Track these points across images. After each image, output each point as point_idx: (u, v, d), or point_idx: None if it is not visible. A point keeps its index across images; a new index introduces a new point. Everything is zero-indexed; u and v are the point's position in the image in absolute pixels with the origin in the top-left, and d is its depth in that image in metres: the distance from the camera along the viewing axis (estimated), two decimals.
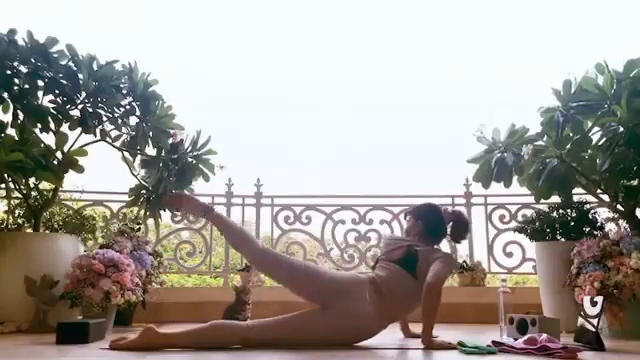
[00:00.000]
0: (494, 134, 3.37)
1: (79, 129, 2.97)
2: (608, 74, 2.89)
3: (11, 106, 2.81)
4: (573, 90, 3.02)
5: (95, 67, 2.91)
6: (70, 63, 2.84)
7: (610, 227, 3.17)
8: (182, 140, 3.24)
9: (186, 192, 3.21)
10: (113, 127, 3.11)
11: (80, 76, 2.86)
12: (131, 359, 1.93)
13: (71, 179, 3.78)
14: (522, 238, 3.52)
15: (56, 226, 3.15)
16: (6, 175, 2.87)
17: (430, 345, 2.21)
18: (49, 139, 3.03)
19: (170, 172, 3.20)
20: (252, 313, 3.65)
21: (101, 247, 3.04)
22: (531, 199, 3.65)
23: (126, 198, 3.52)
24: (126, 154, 3.24)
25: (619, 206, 3.12)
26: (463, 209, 4.08)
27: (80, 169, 3.10)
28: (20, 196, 3.13)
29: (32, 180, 3.06)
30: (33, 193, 3.14)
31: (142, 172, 3.36)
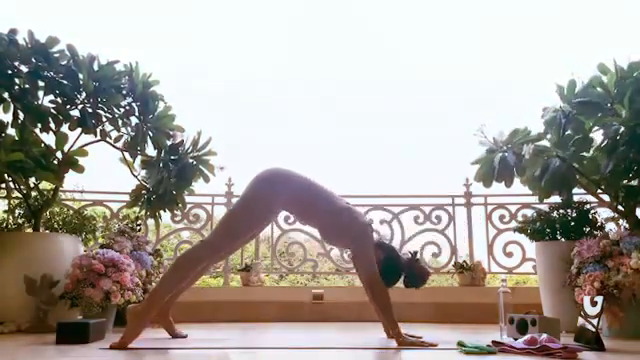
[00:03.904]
0: (496, 134, 3.37)
1: (79, 129, 2.98)
2: (612, 73, 2.89)
3: (11, 106, 2.82)
4: (577, 90, 3.02)
5: (95, 67, 2.91)
6: (70, 63, 2.85)
7: (610, 227, 3.17)
8: (182, 141, 3.25)
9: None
10: (113, 128, 3.11)
11: (80, 76, 2.86)
12: (131, 359, 1.93)
13: (71, 179, 3.79)
14: (522, 238, 3.51)
15: (56, 226, 3.15)
16: (6, 175, 2.87)
17: (403, 342, 2.23)
18: (49, 139, 3.04)
19: (170, 173, 3.20)
20: (253, 313, 3.67)
21: (101, 247, 3.04)
22: (531, 199, 3.65)
23: (126, 198, 3.53)
24: (126, 154, 3.25)
25: (619, 206, 3.13)
26: (463, 209, 4.09)
27: (80, 169, 3.10)
28: (20, 196, 3.13)
29: (32, 180, 3.06)
30: (33, 193, 3.14)
31: (142, 173, 3.37)
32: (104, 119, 3.05)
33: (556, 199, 3.27)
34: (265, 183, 2.48)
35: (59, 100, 2.89)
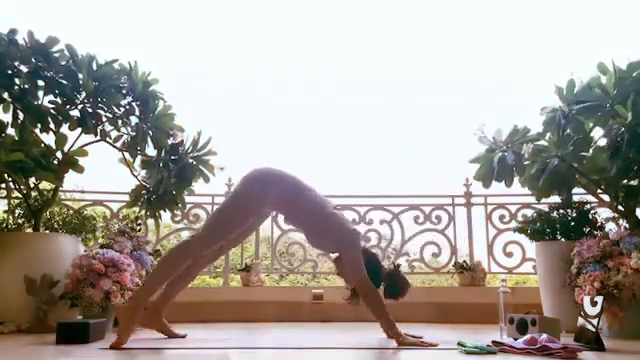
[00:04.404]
0: (496, 134, 3.37)
1: (79, 129, 2.97)
2: (612, 73, 2.89)
3: (11, 106, 2.82)
4: (576, 90, 3.02)
5: (95, 67, 2.91)
6: (70, 63, 2.84)
7: (610, 227, 3.17)
8: (182, 141, 3.25)
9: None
10: (113, 127, 3.11)
11: (80, 76, 2.86)
12: (131, 359, 1.93)
13: (71, 179, 3.79)
14: (522, 238, 3.51)
15: (56, 226, 3.15)
16: (6, 175, 2.87)
17: (403, 342, 2.22)
18: (49, 139, 3.04)
19: (170, 173, 3.20)
20: (253, 313, 3.67)
21: (101, 247, 3.04)
22: (531, 199, 3.65)
23: (126, 198, 3.52)
24: (126, 154, 3.25)
25: (619, 206, 3.12)
26: (463, 209, 4.09)
27: (80, 169, 3.11)
28: (20, 196, 3.12)
29: (32, 180, 3.06)
30: (33, 193, 3.14)
31: (142, 173, 3.37)
32: (104, 119, 3.05)
33: (556, 199, 3.27)
34: (257, 182, 2.51)
35: (59, 100, 2.89)
